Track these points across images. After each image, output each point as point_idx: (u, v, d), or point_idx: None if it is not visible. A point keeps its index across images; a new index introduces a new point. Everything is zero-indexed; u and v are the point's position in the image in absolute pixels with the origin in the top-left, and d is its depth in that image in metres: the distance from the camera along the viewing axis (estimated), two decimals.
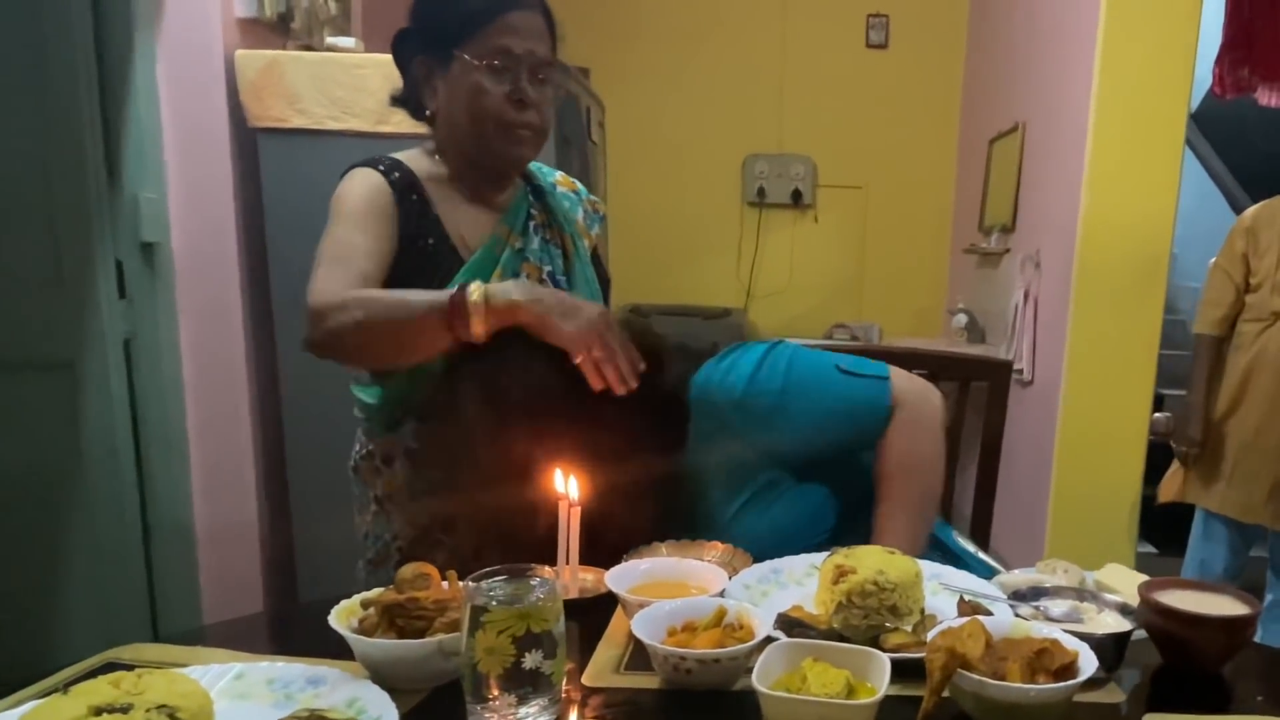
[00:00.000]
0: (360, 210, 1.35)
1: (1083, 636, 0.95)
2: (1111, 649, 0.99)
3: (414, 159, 1.44)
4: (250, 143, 2.35)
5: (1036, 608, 1.06)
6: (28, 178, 2.17)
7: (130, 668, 0.82)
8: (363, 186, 1.37)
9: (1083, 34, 2.75)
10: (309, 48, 2.53)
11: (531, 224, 1.47)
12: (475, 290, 1.20)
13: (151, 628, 2.32)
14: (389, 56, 2.33)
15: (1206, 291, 2.78)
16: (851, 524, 1.32)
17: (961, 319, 3.78)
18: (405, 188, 1.38)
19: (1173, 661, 1.02)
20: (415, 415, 1.39)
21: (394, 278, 1.34)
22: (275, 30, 2.44)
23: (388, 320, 1.25)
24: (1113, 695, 0.96)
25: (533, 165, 1.53)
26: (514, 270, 1.41)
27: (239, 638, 1.11)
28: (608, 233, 1.57)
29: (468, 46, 1.34)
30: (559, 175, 1.60)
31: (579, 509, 1.14)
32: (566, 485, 1.14)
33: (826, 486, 1.35)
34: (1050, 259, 3.05)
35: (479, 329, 1.19)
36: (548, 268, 1.46)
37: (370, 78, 2.27)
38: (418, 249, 1.37)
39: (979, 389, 1.70)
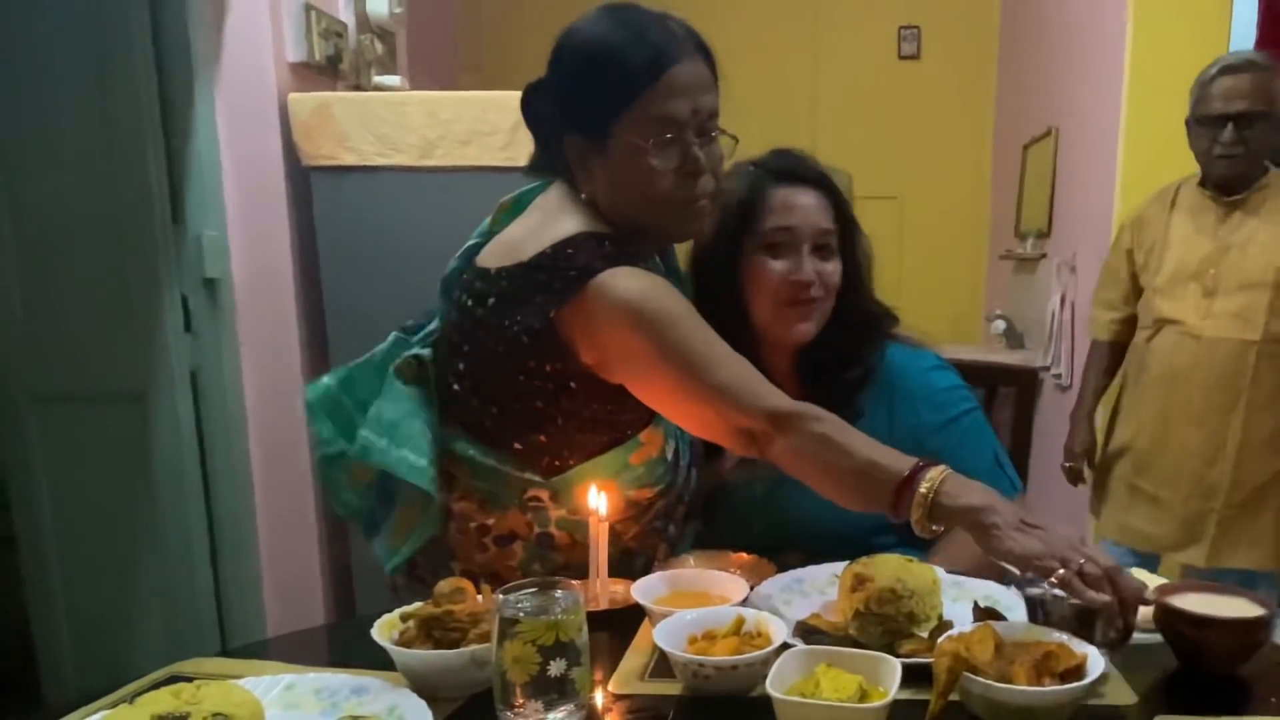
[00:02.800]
0: (683, 305, 1.17)
1: (1053, 602, 0.98)
2: (1073, 620, 0.98)
3: (619, 239, 1.21)
4: (303, 180, 2.47)
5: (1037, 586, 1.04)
6: (98, 219, 2.32)
7: (191, 679, 0.89)
8: (653, 281, 1.17)
9: (1112, 37, 2.75)
10: (357, 87, 2.65)
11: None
12: (926, 483, 1.04)
13: (220, 640, 2.43)
14: (432, 93, 2.46)
15: (1096, 291, 2.57)
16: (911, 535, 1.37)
17: (1000, 325, 3.76)
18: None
19: (1187, 664, 1.03)
20: (568, 506, 1.25)
21: None
22: (325, 73, 2.56)
23: (834, 460, 1.11)
24: (1125, 697, 0.98)
25: None
26: None
27: (297, 650, 1.19)
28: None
29: (627, 122, 1.16)
30: None
31: (608, 524, 1.19)
32: (597, 500, 1.19)
33: None
34: (1086, 263, 3.03)
35: (917, 521, 1.06)
36: None
37: (413, 114, 2.37)
38: None
39: (1009, 394, 1.72)
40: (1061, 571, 0.96)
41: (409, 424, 1.26)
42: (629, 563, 1.32)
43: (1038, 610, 1.03)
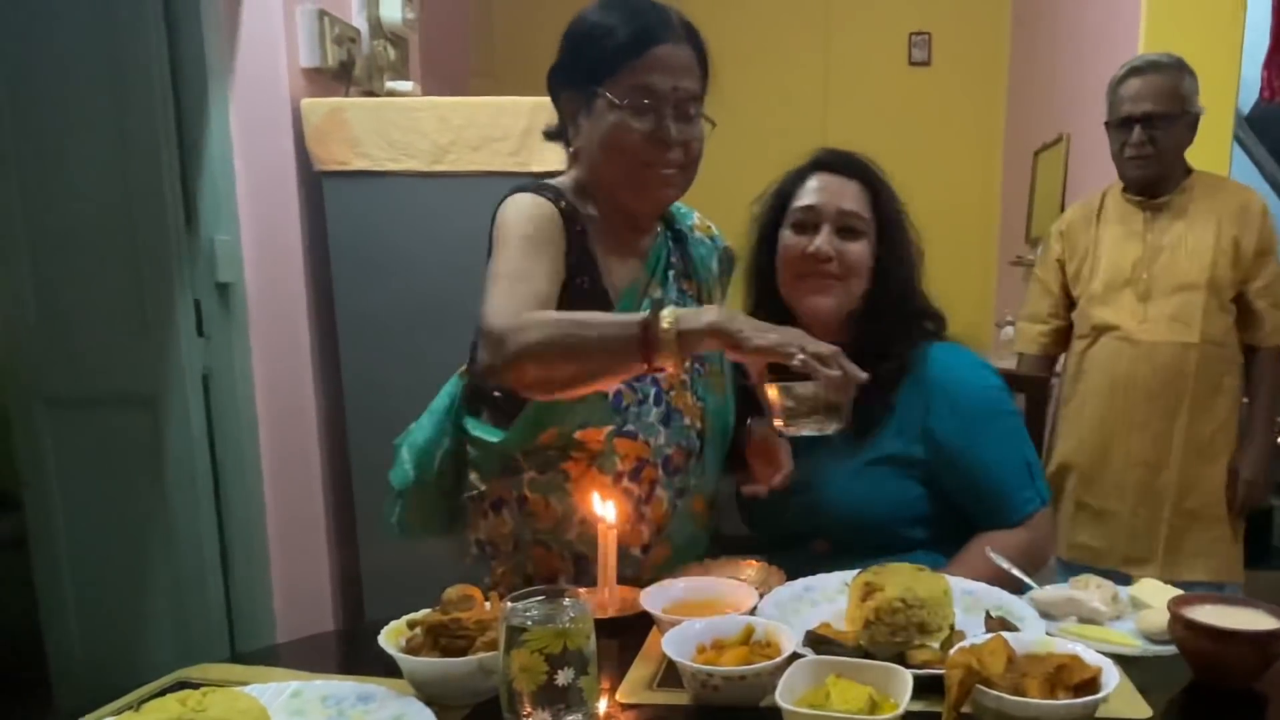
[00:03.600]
0: (533, 234, 1.26)
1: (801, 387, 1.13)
2: (820, 403, 1.13)
3: (570, 192, 1.34)
4: (315, 186, 2.47)
5: None
6: (113, 225, 2.34)
7: (198, 686, 0.89)
8: (534, 209, 1.29)
9: (1125, 41, 2.73)
10: (370, 93, 2.65)
11: (671, 272, 1.40)
12: (667, 317, 1.11)
13: (229, 645, 2.43)
14: (444, 99, 2.46)
15: (1024, 304, 2.52)
16: (938, 531, 1.40)
17: (1010, 331, 3.72)
18: (571, 218, 1.30)
19: (1203, 677, 1.02)
20: (537, 465, 1.34)
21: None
22: (337, 78, 2.57)
23: (573, 344, 1.15)
24: (1140, 711, 0.97)
25: (672, 207, 1.44)
26: None
27: (306, 656, 1.18)
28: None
29: (610, 84, 1.27)
30: (696, 218, 1.50)
31: (615, 531, 1.19)
32: (604, 508, 1.19)
33: (928, 490, 1.41)
34: None
35: (669, 362, 1.12)
36: None
37: (425, 120, 2.38)
38: (575, 287, 1.30)
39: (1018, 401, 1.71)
40: (800, 356, 1.08)
41: (419, 432, 1.43)
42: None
43: (787, 399, 1.17)
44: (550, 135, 1.43)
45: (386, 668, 1.01)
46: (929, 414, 1.39)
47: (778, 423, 1.20)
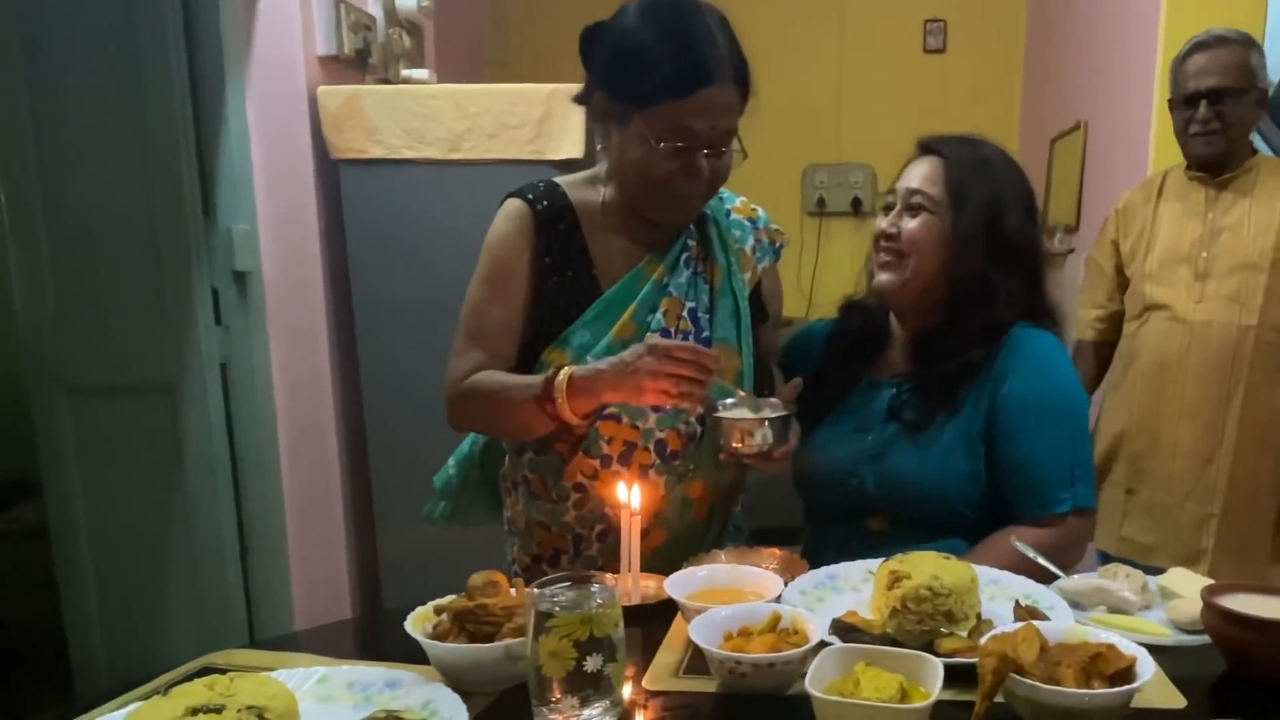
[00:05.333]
0: (499, 266, 1.35)
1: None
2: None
3: (574, 185, 1.39)
4: (332, 174, 2.47)
5: None
6: (131, 214, 2.34)
7: (224, 671, 0.88)
8: (505, 225, 1.35)
9: (1144, 28, 2.69)
10: (386, 81, 2.64)
11: (685, 255, 1.38)
12: (561, 380, 1.23)
13: (248, 633, 2.44)
14: (460, 86, 2.45)
15: (1081, 290, 2.40)
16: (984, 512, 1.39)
17: None
18: (552, 216, 1.34)
19: (1237, 668, 1.01)
20: (535, 446, 1.39)
21: (535, 313, 1.35)
22: (354, 66, 2.56)
23: (497, 411, 1.34)
24: (1174, 701, 0.95)
25: None
26: (653, 305, 1.35)
27: (326, 643, 1.18)
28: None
29: (649, 115, 1.24)
30: (739, 201, 1.48)
31: (639, 517, 1.18)
32: (629, 494, 1.18)
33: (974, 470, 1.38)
34: None
35: (570, 416, 1.25)
36: (690, 304, 1.37)
37: (441, 108, 2.37)
38: (556, 282, 1.34)
39: None
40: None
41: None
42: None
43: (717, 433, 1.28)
44: (579, 99, 1.38)
45: (411, 654, 1.01)
46: (1002, 384, 1.37)
47: (721, 455, 1.31)
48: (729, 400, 1.29)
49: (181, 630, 2.45)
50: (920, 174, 1.41)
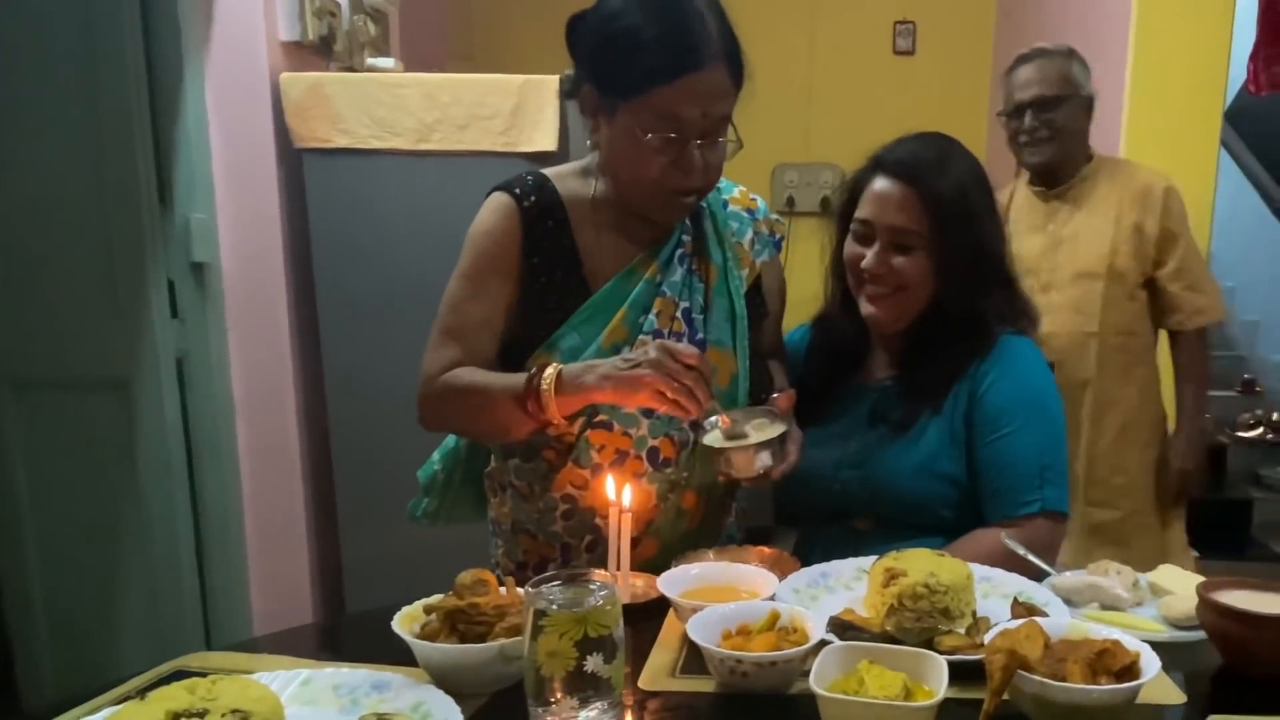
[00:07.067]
0: (482, 263, 1.28)
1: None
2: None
3: (564, 178, 1.33)
4: (295, 163, 2.40)
5: None
6: (84, 203, 2.25)
7: (201, 674, 0.84)
8: (491, 220, 1.29)
9: (1114, 33, 2.73)
10: (350, 69, 2.58)
11: (679, 252, 1.32)
12: (549, 376, 1.17)
13: (204, 637, 2.36)
14: (430, 75, 2.40)
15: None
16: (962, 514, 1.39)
17: None
18: (541, 213, 1.28)
19: (1235, 663, 1.01)
20: (521, 451, 1.34)
21: (521, 315, 1.30)
22: (318, 53, 2.50)
23: (474, 410, 1.28)
24: (1174, 697, 0.95)
25: None
26: (645, 305, 1.29)
27: (292, 647, 1.13)
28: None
29: (636, 105, 1.18)
30: (737, 191, 1.42)
31: (629, 515, 1.15)
32: (619, 492, 1.15)
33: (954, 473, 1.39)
34: None
35: (554, 415, 1.19)
36: (684, 303, 1.31)
37: (410, 97, 2.31)
38: (543, 283, 1.29)
39: None
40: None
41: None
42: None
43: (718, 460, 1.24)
44: (568, 94, 1.34)
45: (389, 655, 0.97)
46: (980, 385, 1.38)
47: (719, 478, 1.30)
48: (714, 419, 1.24)
49: (135, 637, 2.36)
50: (903, 207, 1.35)
